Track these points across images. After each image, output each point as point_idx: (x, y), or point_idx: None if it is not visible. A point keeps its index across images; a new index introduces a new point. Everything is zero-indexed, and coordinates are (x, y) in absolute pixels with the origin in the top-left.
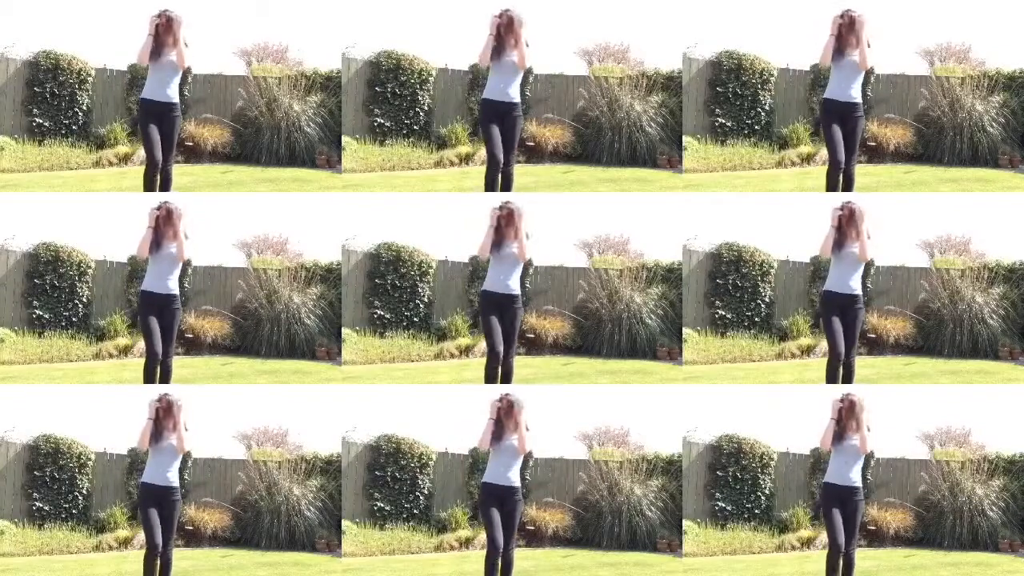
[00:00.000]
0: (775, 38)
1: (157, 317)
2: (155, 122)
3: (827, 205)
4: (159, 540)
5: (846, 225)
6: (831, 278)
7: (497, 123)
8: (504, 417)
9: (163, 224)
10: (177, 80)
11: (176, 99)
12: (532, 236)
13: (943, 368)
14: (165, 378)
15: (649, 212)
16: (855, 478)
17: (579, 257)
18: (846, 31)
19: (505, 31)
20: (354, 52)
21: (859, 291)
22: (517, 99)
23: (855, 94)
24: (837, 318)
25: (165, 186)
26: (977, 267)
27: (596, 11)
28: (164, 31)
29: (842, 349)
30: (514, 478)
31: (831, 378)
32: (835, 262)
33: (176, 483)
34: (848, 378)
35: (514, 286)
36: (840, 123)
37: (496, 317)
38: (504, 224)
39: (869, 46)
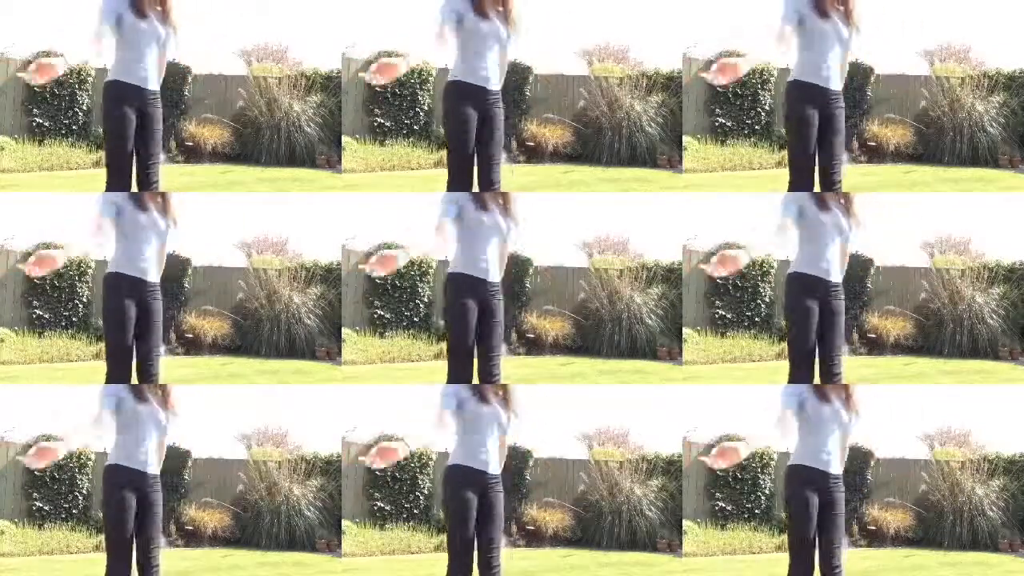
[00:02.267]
0: (775, 38)
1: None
2: (128, 114)
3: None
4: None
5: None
6: (800, 256)
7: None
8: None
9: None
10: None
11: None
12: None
13: (943, 368)
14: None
15: (649, 212)
16: (837, 464)
17: (579, 257)
18: None
19: None
20: (354, 52)
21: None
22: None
23: (835, 77)
24: (812, 309)
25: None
26: (977, 267)
27: (596, 11)
28: None
29: (813, 348)
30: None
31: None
32: (806, 236)
33: (156, 471)
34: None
35: (495, 273)
36: (815, 114)
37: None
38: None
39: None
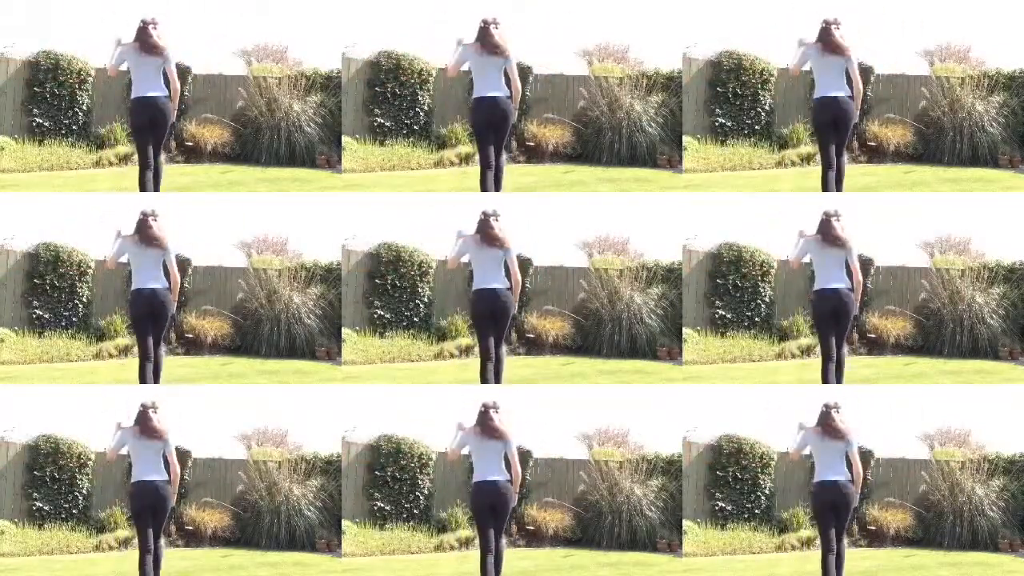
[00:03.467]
0: (775, 38)
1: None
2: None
3: (826, 205)
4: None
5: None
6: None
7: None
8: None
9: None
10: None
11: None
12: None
13: (943, 368)
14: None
15: (649, 212)
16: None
17: (579, 257)
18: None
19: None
20: (354, 52)
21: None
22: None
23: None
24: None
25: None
26: (977, 267)
27: (596, 11)
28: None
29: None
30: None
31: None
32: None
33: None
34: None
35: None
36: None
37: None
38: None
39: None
